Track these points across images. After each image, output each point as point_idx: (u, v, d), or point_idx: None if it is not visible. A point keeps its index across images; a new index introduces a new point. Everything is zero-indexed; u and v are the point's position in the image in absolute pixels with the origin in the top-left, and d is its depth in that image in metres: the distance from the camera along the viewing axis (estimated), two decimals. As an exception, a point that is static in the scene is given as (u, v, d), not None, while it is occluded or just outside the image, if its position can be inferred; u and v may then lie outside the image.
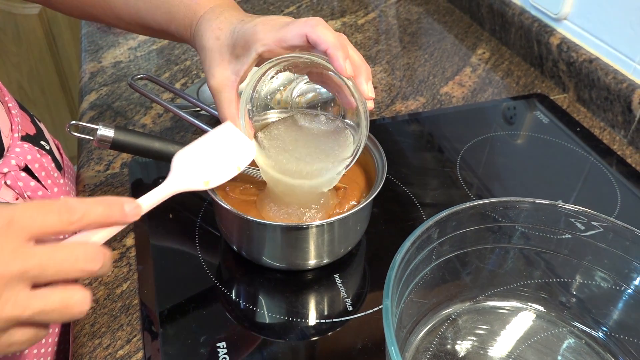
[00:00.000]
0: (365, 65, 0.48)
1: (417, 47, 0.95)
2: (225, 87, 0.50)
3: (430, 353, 0.47)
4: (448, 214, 0.45)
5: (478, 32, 1.01)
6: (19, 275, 0.32)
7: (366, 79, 0.47)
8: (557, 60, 0.84)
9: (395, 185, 0.66)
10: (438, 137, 0.75)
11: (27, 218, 0.33)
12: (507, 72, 0.89)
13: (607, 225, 0.45)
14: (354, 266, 0.57)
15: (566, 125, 0.78)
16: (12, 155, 0.52)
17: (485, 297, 0.51)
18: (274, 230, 0.51)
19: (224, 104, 0.50)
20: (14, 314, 0.32)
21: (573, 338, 0.48)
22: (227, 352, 0.48)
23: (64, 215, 0.33)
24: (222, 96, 0.50)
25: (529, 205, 0.47)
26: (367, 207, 0.53)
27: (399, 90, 0.84)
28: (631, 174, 0.69)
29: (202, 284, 0.54)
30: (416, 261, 0.44)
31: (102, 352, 0.48)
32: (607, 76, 0.76)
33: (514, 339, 0.48)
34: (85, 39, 0.94)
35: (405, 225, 0.61)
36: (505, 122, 0.78)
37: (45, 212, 0.33)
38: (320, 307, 0.53)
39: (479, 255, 0.49)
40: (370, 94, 0.47)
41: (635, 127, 0.73)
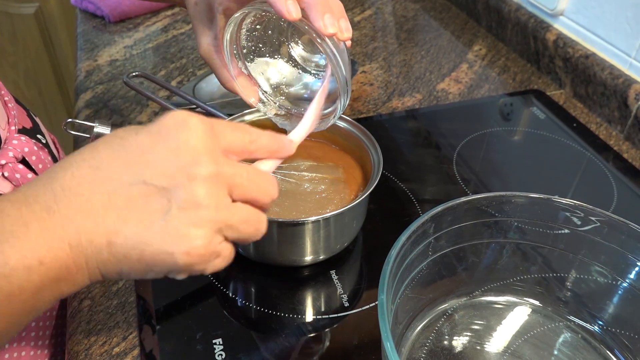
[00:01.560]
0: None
1: (414, 44, 0.95)
2: (211, 54, 0.51)
3: (426, 348, 0.47)
4: (443, 208, 0.45)
5: (474, 28, 1.01)
6: (228, 180, 0.32)
7: (321, 12, 0.41)
8: (554, 56, 0.84)
9: (391, 182, 0.66)
10: (435, 134, 0.75)
11: (225, 130, 0.34)
12: (503, 69, 0.89)
13: (603, 219, 0.45)
14: (351, 262, 0.57)
15: (563, 121, 0.78)
16: (10, 147, 0.52)
17: (482, 292, 0.51)
18: (270, 226, 0.50)
19: (216, 71, 0.51)
20: (226, 218, 0.32)
21: (569, 332, 0.48)
22: (224, 348, 0.48)
23: (246, 135, 0.35)
24: (211, 63, 0.51)
25: (525, 200, 0.47)
26: (363, 203, 0.53)
27: (395, 87, 0.84)
28: (627, 169, 0.69)
29: (198, 281, 0.54)
30: (412, 256, 0.44)
31: (98, 350, 0.48)
32: (603, 72, 0.76)
33: (510, 334, 0.48)
34: (81, 38, 0.94)
35: (402, 221, 0.61)
36: (501, 118, 0.78)
37: (234, 129, 0.35)
38: (316, 303, 0.53)
39: (475, 250, 0.49)
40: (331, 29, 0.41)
41: (631, 122, 0.73)
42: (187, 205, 0.31)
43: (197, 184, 0.31)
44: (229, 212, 0.33)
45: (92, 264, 0.32)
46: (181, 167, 0.31)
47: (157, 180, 0.31)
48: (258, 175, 0.35)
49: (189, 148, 0.31)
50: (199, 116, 0.33)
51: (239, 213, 0.33)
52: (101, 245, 0.31)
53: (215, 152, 0.32)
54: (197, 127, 0.32)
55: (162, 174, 0.31)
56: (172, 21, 0.99)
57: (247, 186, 0.34)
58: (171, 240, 0.31)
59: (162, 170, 0.31)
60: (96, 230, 0.31)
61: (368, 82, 0.85)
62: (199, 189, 0.31)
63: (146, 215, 0.31)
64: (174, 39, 0.94)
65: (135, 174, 0.31)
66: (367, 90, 0.83)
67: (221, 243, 0.33)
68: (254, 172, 0.35)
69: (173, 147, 0.31)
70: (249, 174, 0.34)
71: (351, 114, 0.78)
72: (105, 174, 0.31)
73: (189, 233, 0.31)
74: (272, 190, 0.36)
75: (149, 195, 0.31)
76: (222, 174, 0.32)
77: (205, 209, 0.31)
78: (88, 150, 0.33)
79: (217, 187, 0.32)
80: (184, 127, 0.32)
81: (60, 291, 0.32)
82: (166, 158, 0.31)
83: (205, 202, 0.31)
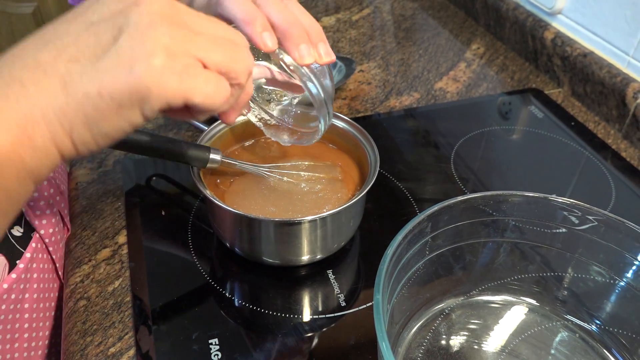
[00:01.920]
0: (296, 24, 0.40)
1: (412, 43, 0.95)
2: None
3: (423, 348, 0.47)
4: (440, 207, 0.44)
5: (473, 27, 1.00)
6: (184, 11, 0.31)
7: (296, 43, 0.40)
8: (552, 54, 0.84)
9: (389, 181, 0.66)
10: (432, 133, 0.75)
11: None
12: (501, 67, 0.89)
13: (601, 218, 0.45)
14: (348, 262, 0.56)
15: (561, 119, 0.77)
16: None
17: (479, 292, 0.50)
18: (267, 225, 0.50)
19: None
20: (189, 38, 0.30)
21: (567, 332, 0.48)
22: (220, 348, 0.47)
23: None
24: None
25: (522, 199, 0.47)
26: (360, 202, 0.53)
27: (393, 85, 0.84)
28: (626, 168, 0.69)
29: (195, 281, 0.54)
30: (408, 255, 0.44)
31: (94, 350, 0.48)
32: (601, 70, 0.76)
33: (507, 333, 0.48)
34: (78, 37, 0.93)
35: (399, 221, 0.61)
36: (500, 117, 0.78)
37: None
38: (313, 303, 0.52)
39: (472, 250, 0.49)
40: (307, 59, 0.40)
41: (629, 121, 0.73)
42: (140, 24, 0.29)
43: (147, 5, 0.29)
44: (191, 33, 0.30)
45: (49, 115, 0.29)
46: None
47: (104, 15, 0.29)
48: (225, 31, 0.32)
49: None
50: None
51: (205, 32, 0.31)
52: (55, 89, 0.28)
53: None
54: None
55: (107, 9, 0.30)
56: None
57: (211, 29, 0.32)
58: (129, 57, 0.28)
59: (108, 6, 0.30)
60: (45, 78, 0.28)
61: (366, 81, 0.84)
62: (151, 6, 0.29)
63: (98, 48, 0.29)
64: (172, 38, 0.93)
65: (82, 22, 0.30)
66: (364, 89, 0.82)
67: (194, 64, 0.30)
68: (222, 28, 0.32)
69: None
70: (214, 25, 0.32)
71: (349, 113, 0.77)
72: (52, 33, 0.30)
73: (146, 45, 0.28)
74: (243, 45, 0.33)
75: (97, 32, 0.29)
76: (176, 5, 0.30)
77: (159, 24, 0.29)
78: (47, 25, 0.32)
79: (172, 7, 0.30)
80: None
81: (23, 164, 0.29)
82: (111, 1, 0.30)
83: (157, 17, 0.29)
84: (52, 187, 0.56)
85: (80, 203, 0.62)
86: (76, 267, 0.55)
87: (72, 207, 0.62)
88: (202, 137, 0.56)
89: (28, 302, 0.51)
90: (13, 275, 0.49)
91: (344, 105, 0.79)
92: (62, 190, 0.60)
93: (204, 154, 0.52)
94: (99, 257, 0.56)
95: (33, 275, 0.52)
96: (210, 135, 0.57)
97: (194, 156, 0.52)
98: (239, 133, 0.61)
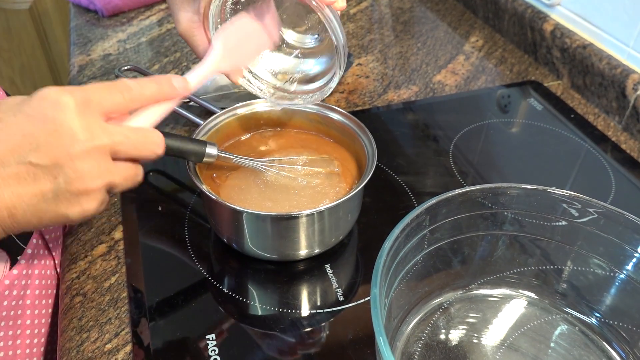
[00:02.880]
0: None
1: (410, 36, 0.94)
2: (192, 30, 0.51)
3: (422, 342, 0.46)
4: (438, 200, 0.44)
5: (471, 19, 1.00)
6: (108, 147, 0.36)
7: None
8: (551, 46, 0.84)
9: (387, 175, 0.65)
10: (431, 126, 0.74)
11: (100, 97, 0.37)
12: (500, 60, 0.89)
13: (600, 210, 0.44)
14: (346, 256, 0.56)
15: (560, 112, 0.77)
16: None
17: (478, 285, 0.50)
18: (264, 220, 0.50)
19: (197, 49, 0.52)
20: (109, 180, 0.37)
21: (566, 325, 0.48)
22: (217, 344, 0.47)
23: (126, 94, 0.38)
24: (192, 40, 0.52)
25: (520, 191, 0.46)
26: (357, 196, 0.53)
27: (391, 79, 0.83)
28: (626, 160, 0.69)
29: (192, 277, 0.53)
30: (406, 249, 0.43)
31: (90, 346, 0.47)
32: (601, 62, 0.75)
33: (506, 327, 0.48)
34: (74, 32, 0.93)
35: (398, 215, 0.60)
36: (499, 110, 0.78)
37: (112, 92, 0.38)
38: (311, 297, 0.52)
39: (470, 243, 0.49)
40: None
41: (629, 112, 0.72)
42: (73, 180, 0.35)
43: (78, 160, 0.35)
44: (111, 175, 0.37)
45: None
46: (61, 146, 0.35)
47: (41, 160, 0.35)
48: (140, 137, 0.38)
49: (65, 129, 0.35)
50: (71, 91, 0.36)
51: (120, 173, 0.38)
52: (3, 217, 0.35)
53: (91, 126, 0.36)
54: (70, 105, 0.35)
55: (45, 155, 0.35)
56: (166, 15, 0.98)
57: (129, 150, 0.38)
58: (65, 208, 0.36)
59: (45, 152, 0.35)
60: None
61: (364, 74, 0.84)
62: (81, 165, 0.35)
63: (37, 190, 0.35)
64: (168, 33, 0.93)
65: (21, 156, 0.35)
66: (362, 83, 0.82)
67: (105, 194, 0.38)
68: (135, 136, 0.38)
69: (51, 129, 0.35)
70: (129, 140, 0.38)
71: (347, 106, 0.77)
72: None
73: (80, 201, 0.36)
74: (156, 148, 0.40)
75: (36, 173, 0.35)
76: (100, 146, 0.36)
77: (90, 179, 0.36)
78: None
79: (98, 158, 0.36)
80: (57, 108, 0.35)
81: None
82: (46, 141, 0.35)
83: (89, 175, 0.36)
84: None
85: (77, 199, 0.61)
86: (72, 263, 0.54)
87: (68, 203, 0.61)
88: (198, 131, 0.56)
89: (30, 298, 0.51)
90: (14, 271, 0.49)
91: (341, 98, 0.78)
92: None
93: (200, 148, 0.52)
94: (95, 253, 0.55)
95: (34, 271, 0.52)
96: (207, 129, 0.57)
97: (190, 150, 0.52)
98: (236, 127, 0.60)
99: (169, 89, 0.41)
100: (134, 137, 0.38)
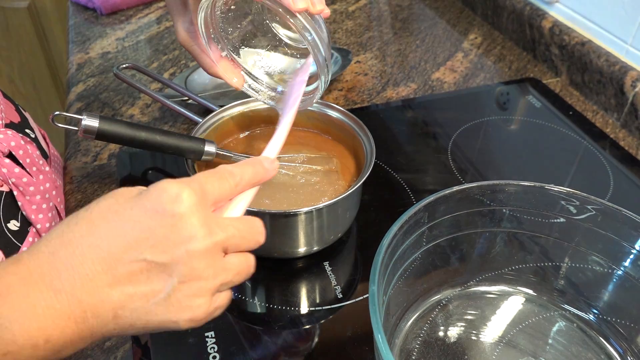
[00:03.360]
0: None
1: (409, 33, 0.94)
2: (190, 40, 0.52)
3: (420, 339, 0.46)
4: (436, 197, 0.44)
5: (470, 17, 1.00)
6: (221, 243, 0.34)
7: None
8: (550, 43, 0.84)
9: (386, 172, 0.65)
10: (430, 124, 0.74)
11: (212, 188, 0.35)
12: (499, 57, 0.89)
13: (598, 207, 0.45)
14: (345, 254, 0.56)
15: (559, 109, 0.77)
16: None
17: (476, 282, 0.50)
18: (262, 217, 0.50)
19: (197, 58, 0.52)
20: (223, 279, 0.34)
21: (564, 321, 0.48)
22: (216, 341, 0.47)
23: (231, 180, 0.36)
24: (191, 50, 0.52)
25: (518, 188, 0.46)
26: (356, 193, 0.53)
27: (390, 76, 0.83)
28: (624, 157, 0.69)
29: (191, 274, 0.53)
30: (404, 246, 0.43)
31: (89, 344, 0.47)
32: (599, 59, 0.75)
33: (505, 324, 0.48)
34: (73, 30, 0.93)
35: (396, 212, 0.60)
36: (497, 107, 0.78)
37: (221, 180, 0.36)
38: (310, 295, 0.52)
39: (469, 240, 0.49)
40: (300, 4, 0.41)
41: (628, 109, 0.72)
42: (188, 279, 0.33)
43: (195, 259, 0.32)
44: (225, 273, 0.35)
45: (97, 335, 0.33)
46: (179, 243, 0.32)
47: (158, 257, 0.32)
48: (247, 228, 0.36)
49: (185, 225, 0.32)
50: (189, 183, 0.33)
51: (233, 269, 0.35)
52: (107, 319, 0.32)
53: (209, 221, 0.33)
54: (191, 201, 0.33)
55: (162, 252, 0.32)
56: (164, 12, 0.98)
57: (240, 243, 0.35)
58: (175, 311, 0.33)
59: (162, 248, 0.32)
60: (102, 306, 0.32)
61: (362, 72, 0.84)
62: (198, 263, 0.33)
63: (149, 289, 0.32)
64: (167, 31, 0.93)
65: (136, 252, 0.32)
66: (361, 80, 0.82)
67: (219, 298, 0.35)
68: (243, 227, 0.36)
69: (169, 224, 0.32)
70: (240, 232, 0.35)
71: (345, 104, 0.77)
72: (106, 253, 0.32)
73: (192, 304, 0.33)
74: (260, 237, 0.37)
75: (150, 271, 0.32)
76: (217, 243, 0.33)
77: (205, 280, 0.33)
78: (85, 223, 0.33)
79: (214, 257, 0.33)
80: (178, 202, 0.32)
81: (61, 357, 0.33)
82: (164, 236, 0.32)
83: (205, 274, 0.33)
84: (48, 182, 0.56)
85: (76, 197, 0.61)
86: (71, 262, 0.54)
87: (68, 201, 0.61)
88: (196, 129, 0.56)
89: None
90: None
91: (340, 96, 0.78)
92: (57, 185, 0.60)
93: (199, 146, 0.52)
94: (94, 251, 0.55)
95: None
96: (205, 127, 0.57)
97: (188, 148, 0.52)
98: (234, 125, 0.60)
99: (262, 170, 0.39)
100: (243, 228, 0.36)
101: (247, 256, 0.37)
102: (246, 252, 0.37)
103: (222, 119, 0.59)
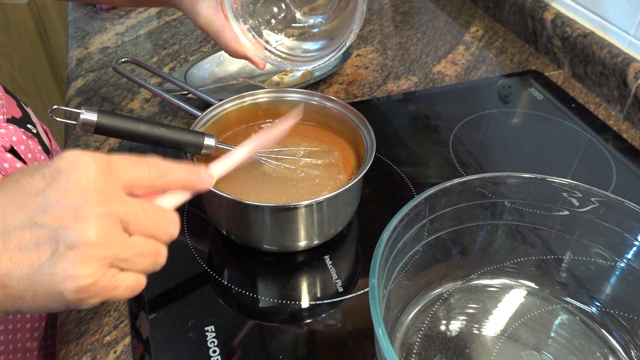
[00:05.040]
0: None
1: (410, 26, 0.94)
2: (213, 18, 0.52)
3: (421, 333, 0.46)
4: (437, 190, 0.44)
5: (471, 9, 0.99)
6: (122, 218, 0.33)
7: None
8: (552, 35, 0.83)
9: (387, 165, 0.65)
10: (431, 117, 0.74)
11: (124, 167, 0.34)
12: (501, 50, 0.88)
13: (601, 199, 0.44)
14: (345, 247, 0.56)
15: (561, 101, 0.76)
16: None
17: (478, 276, 0.50)
18: (263, 211, 0.50)
19: (218, 34, 0.52)
20: (119, 253, 0.32)
21: (566, 314, 0.48)
22: (216, 335, 0.47)
23: (153, 170, 0.35)
24: (212, 27, 0.52)
25: (520, 181, 0.46)
26: (356, 187, 0.52)
27: (390, 70, 0.82)
28: (627, 150, 0.68)
29: (191, 269, 0.53)
30: (405, 239, 0.43)
31: (90, 339, 0.47)
32: (602, 50, 0.75)
33: (507, 317, 0.48)
34: (72, 25, 0.92)
35: (398, 206, 0.59)
36: (499, 100, 0.77)
37: (138, 165, 0.35)
38: (311, 289, 0.52)
39: (470, 233, 0.48)
40: None
41: (630, 101, 0.72)
42: (75, 245, 0.31)
43: (84, 223, 0.31)
44: (122, 246, 0.33)
45: None
46: (69, 208, 0.31)
47: (47, 222, 0.31)
48: (156, 213, 0.35)
49: (77, 189, 0.31)
50: (94, 154, 0.33)
51: (134, 247, 0.33)
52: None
53: (107, 191, 0.32)
54: (88, 167, 0.32)
55: (52, 216, 0.31)
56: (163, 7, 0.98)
57: (143, 224, 0.34)
58: (59, 280, 0.31)
59: (52, 212, 0.31)
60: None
61: (363, 65, 0.83)
62: (86, 228, 0.31)
63: (36, 257, 0.31)
64: (167, 25, 0.92)
65: (27, 217, 0.31)
66: (362, 74, 0.81)
67: (116, 276, 0.33)
68: (152, 210, 0.35)
69: (63, 188, 0.32)
70: (146, 213, 0.34)
71: (346, 97, 0.76)
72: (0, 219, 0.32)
73: (76, 272, 0.31)
74: (171, 230, 0.36)
75: (39, 237, 0.31)
76: (112, 212, 0.32)
77: (93, 247, 0.31)
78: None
79: (108, 225, 0.32)
80: (74, 168, 0.32)
81: None
82: (56, 200, 0.31)
83: (92, 240, 0.31)
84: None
85: (75, 192, 0.61)
86: (71, 256, 0.54)
87: (67, 196, 0.61)
88: (196, 122, 0.56)
89: None
90: None
91: (340, 90, 0.78)
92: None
93: (198, 140, 0.52)
94: (94, 246, 0.55)
95: None
96: (205, 121, 0.57)
97: (188, 142, 0.51)
98: (234, 119, 0.60)
99: (195, 178, 0.38)
100: (151, 212, 0.34)
101: (157, 244, 0.35)
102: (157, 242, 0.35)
103: (222, 112, 0.58)
